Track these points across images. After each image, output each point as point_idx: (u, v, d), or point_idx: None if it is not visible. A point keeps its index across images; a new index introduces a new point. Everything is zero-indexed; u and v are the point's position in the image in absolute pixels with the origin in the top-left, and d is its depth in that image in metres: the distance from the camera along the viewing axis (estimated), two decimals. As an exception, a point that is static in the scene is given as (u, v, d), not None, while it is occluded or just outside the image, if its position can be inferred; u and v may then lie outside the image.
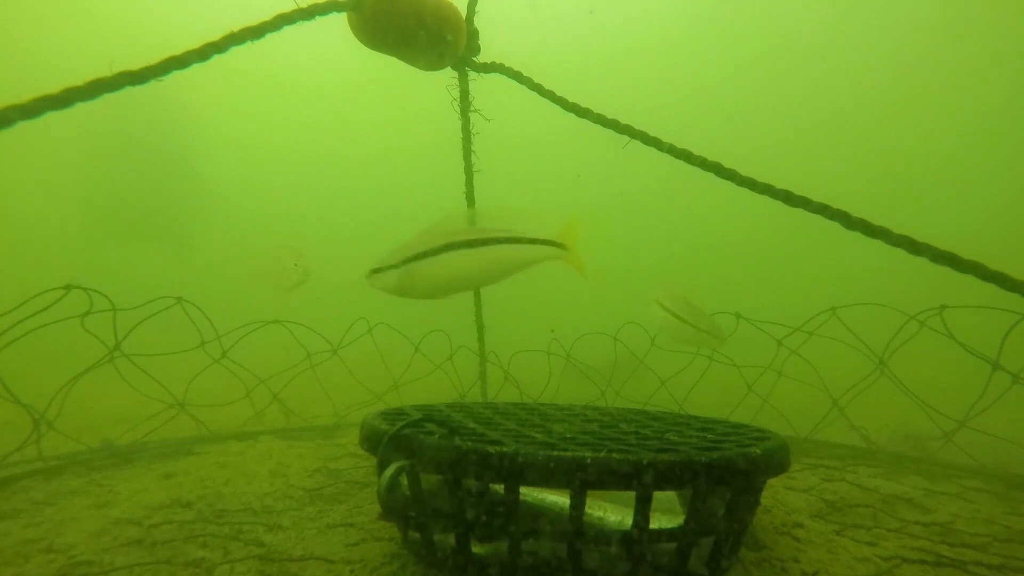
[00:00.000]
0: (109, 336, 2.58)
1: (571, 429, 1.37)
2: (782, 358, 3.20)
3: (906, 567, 1.34)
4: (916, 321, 2.72)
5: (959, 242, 2.05)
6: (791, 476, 2.15)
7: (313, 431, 3.00)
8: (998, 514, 1.74)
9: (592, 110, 2.68)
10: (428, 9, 2.59)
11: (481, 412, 1.64)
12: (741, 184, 2.31)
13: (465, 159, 3.30)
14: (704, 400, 3.55)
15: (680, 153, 2.45)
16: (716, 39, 19.60)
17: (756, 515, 1.37)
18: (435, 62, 2.80)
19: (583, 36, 20.94)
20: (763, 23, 18.90)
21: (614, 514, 1.24)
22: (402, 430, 1.14)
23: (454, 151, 3.32)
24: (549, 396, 3.65)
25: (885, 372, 2.79)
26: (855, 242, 2.23)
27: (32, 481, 1.97)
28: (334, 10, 2.42)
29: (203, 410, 2.93)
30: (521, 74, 2.89)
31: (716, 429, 1.45)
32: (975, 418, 2.48)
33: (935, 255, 1.95)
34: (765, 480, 1.23)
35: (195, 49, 1.94)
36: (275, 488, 1.85)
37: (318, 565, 1.29)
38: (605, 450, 1.05)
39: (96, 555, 1.29)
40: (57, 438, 2.42)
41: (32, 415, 2.28)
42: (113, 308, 2.59)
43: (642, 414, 1.76)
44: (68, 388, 2.44)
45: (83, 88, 1.67)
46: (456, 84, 3.11)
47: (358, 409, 3.43)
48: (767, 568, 1.28)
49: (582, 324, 4.03)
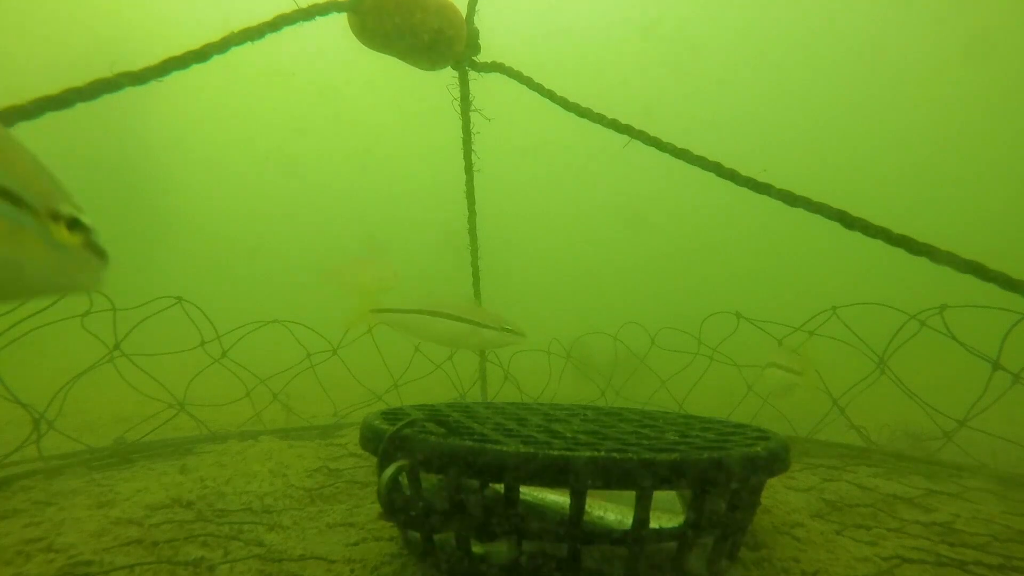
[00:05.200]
0: (109, 336, 2.58)
1: (571, 429, 1.37)
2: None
3: (906, 567, 1.34)
4: (916, 321, 2.72)
5: (959, 242, 2.05)
6: (791, 476, 2.14)
7: (313, 431, 3.00)
8: (998, 514, 1.74)
9: (592, 110, 2.68)
10: (428, 9, 2.59)
11: (481, 412, 1.64)
12: (741, 184, 2.31)
13: (465, 159, 3.30)
14: (704, 400, 3.55)
15: (680, 153, 2.45)
16: (717, 39, 19.60)
17: (756, 515, 1.37)
18: (435, 62, 2.80)
19: (583, 36, 20.94)
20: (763, 23, 18.90)
21: (614, 513, 1.24)
22: (402, 430, 1.14)
23: (454, 151, 3.32)
24: (549, 396, 3.65)
25: (885, 372, 2.79)
26: (855, 242, 2.23)
27: (32, 481, 1.96)
28: (334, 10, 2.42)
29: (203, 410, 2.93)
30: (521, 74, 2.89)
31: (716, 429, 1.45)
32: (975, 418, 2.48)
33: (935, 255, 1.96)
34: (765, 480, 1.23)
35: (195, 49, 1.95)
36: (275, 488, 1.85)
37: (318, 565, 1.29)
38: (605, 450, 1.05)
39: (96, 555, 1.29)
40: (57, 438, 2.42)
41: (32, 415, 2.28)
42: (113, 308, 2.59)
43: (642, 414, 1.76)
44: (68, 388, 2.44)
45: (83, 88, 1.67)
46: (456, 84, 3.11)
47: (358, 409, 3.43)
48: (767, 568, 1.28)
49: (582, 324, 4.04)
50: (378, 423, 1.26)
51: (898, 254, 2.03)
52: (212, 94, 17.78)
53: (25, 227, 0.76)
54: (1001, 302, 2.18)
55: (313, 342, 3.31)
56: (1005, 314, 2.31)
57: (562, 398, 3.48)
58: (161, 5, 16.80)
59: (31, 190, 0.78)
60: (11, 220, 0.75)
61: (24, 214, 0.77)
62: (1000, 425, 2.52)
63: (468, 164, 3.31)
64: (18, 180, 0.76)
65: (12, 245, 0.75)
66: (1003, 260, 1.94)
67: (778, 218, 4.43)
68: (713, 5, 19.20)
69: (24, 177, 0.78)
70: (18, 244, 0.76)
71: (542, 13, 20.00)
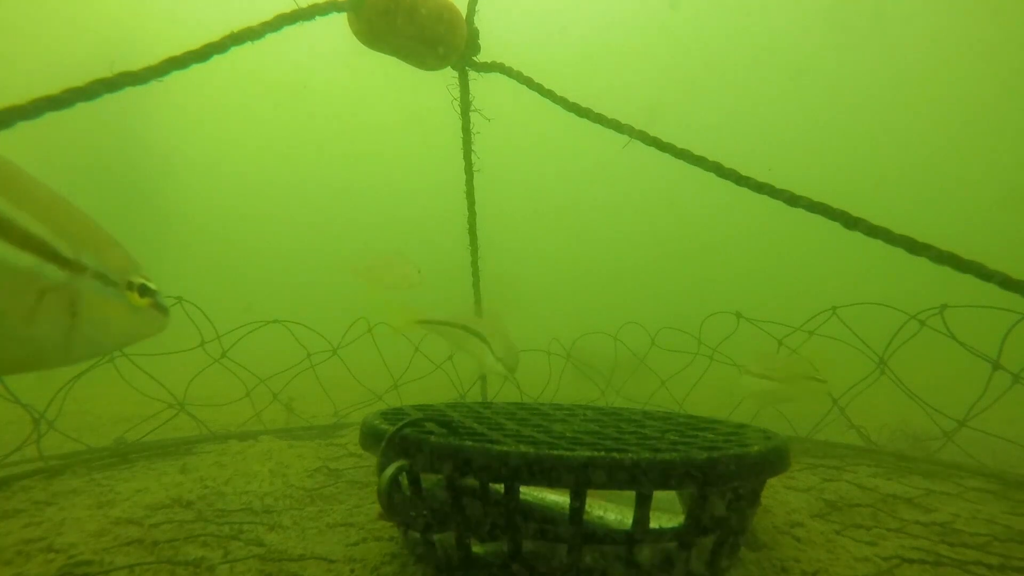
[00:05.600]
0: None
1: (571, 429, 1.37)
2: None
3: (906, 567, 1.34)
4: (917, 321, 2.72)
5: (959, 242, 2.05)
6: (791, 476, 2.14)
7: (313, 431, 3.00)
8: (998, 514, 1.74)
9: (592, 110, 2.68)
10: (428, 9, 2.59)
11: (481, 412, 1.64)
12: (741, 184, 2.31)
13: (465, 159, 3.30)
14: (704, 400, 3.55)
15: (680, 153, 2.44)
16: (716, 38, 19.60)
17: (756, 515, 1.37)
18: (435, 62, 2.80)
19: (583, 36, 20.93)
20: (763, 22, 18.89)
21: (614, 513, 1.24)
22: (402, 430, 1.14)
23: (454, 151, 3.32)
24: (549, 396, 3.65)
25: (885, 372, 2.79)
26: (855, 242, 2.23)
27: (32, 481, 1.97)
28: (334, 10, 2.42)
29: (203, 410, 2.93)
30: (521, 74, 2.89)
31: (716, 429, 1.45)
32: (975, 418, 2.48)
33: (935, 255, 1.95)
34: (765, 480, 1.23)
35: (195, 50, 1.94)
36: (275, 488, 1.85)
37: (318, 565, 1.29)
38: (605, 450, 1.05)
39: (96, 555, 1.29)
40: (57, 438, 2.42)
41: (32, 415, 2.27)
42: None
43: (642, 414, 1.76)
44: (68, 388, 2.44)
45: (83, 88, 1.67)
46: (456, 84, 3.11)
47: (358, 409, 3.43)
48: (767, 568, 1.28)
49: (582, 324, 4.04)
50: (378, 423, 1.26)
51: (898, 254, 2.02)
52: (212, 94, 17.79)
53: (111, 299, 1.01)
54: (1001, 302, 2.18)
55: (313, 342, 3.31)
56: (1005, 314, 2.31)
57: (562, 398, 3.48)
58: (161, 5, 16.81)
59: (114, 268, 1.02)
60: (101, 295, 0.99)
61: (110, 288, 1.01)
62: (1000, 425, 2.52)
63: (468, 164, 3.31)
64: (104, 261, 1.00)
65: (103, 313, 1.00)
66: (1003, 260, 1.93)
67: (778, 218, 4.43)
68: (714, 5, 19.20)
69: (107, 257, 1.01)
70: (107, 312, 1.01)
71: (542, 13, 20.00)
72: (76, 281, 0.95)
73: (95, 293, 0.98)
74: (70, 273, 0.94)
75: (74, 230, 0.96)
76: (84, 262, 0.96)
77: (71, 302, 0.94)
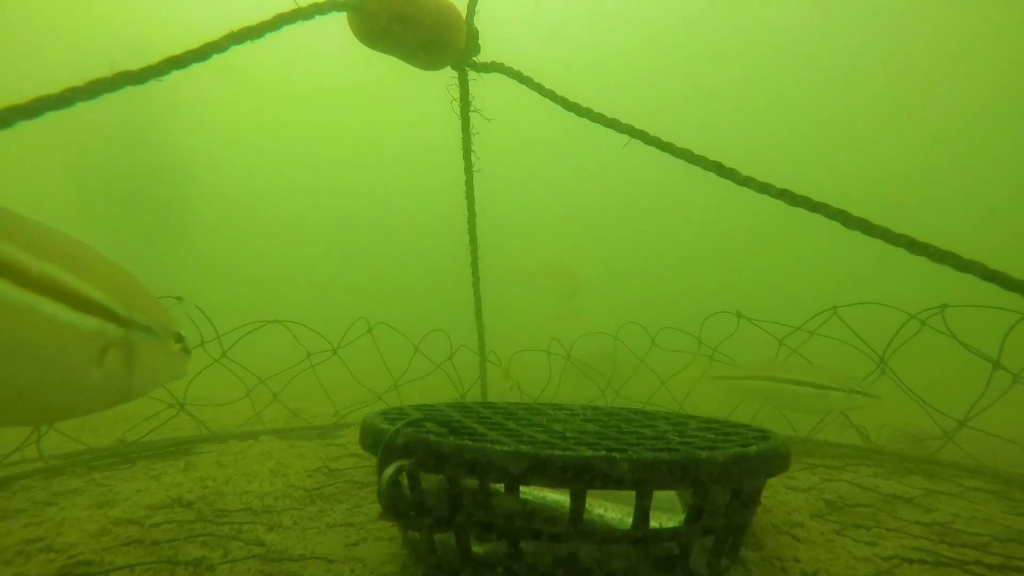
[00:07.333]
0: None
1: (571, 429, 1.37)
2: (783, 357, 3.21)
3: (906, 567, 1.34)
4: (917, 320, 2.72)
5: (959, 242, 2.05)
6: (791, 476, 2.14)
7: (313, 431, 3.00)
8: (998, 514, 1.74)
9: (592, 110, 2.67)
10: (428, 9, 2.59)
11: (481, 412, 1.64)
12: (741, 184, 2.30)
13: (465, 159, 3.30)
14: (704, 400, 3.55)
15: (680, 153, 2.44)
16: (717, 38, 19.60)
17: (756, 515, 1.37)
18: (435, 62, 2.80)
19: (583, 35, 20.94)
20: (763, 23, 18.89)
21: (614, 513, 1.24)
22: (402, 430, 1.14)
23: (454, 151, 3.32)
24: (549, 396, 3.65)
25: (886, 371, 2.79)
26: (855, 242, 2.23)
27: (32, 481, 1.97)
28: (334, 10, 2.42)
29: (203, 410, 2.93)
30: (521, 74, 2.88)
31: (716, 429, 1.45)
32: (975, 418, 2.48)
33: (935, 255, 1.95)
34: (765, 479, 1.23)
35: (195, 49, 1.94)
36: (275, 488, 1.85)
37: (318, 565, 1.29)
38: (605, 450, 1.05)
39: (96, 555, 1.29)
40: (57, 438, 2.42)
41: (32, 415, 2.27)
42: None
43: (642, 414, 1.76)
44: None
45: (83, 88, 1.66)
46: (456, 84, 3.10)
47: (358, 409, 3.43)
48: (767, 568, 1.28)
49: (582, 324, 4.03)
50: (378, 423, 1.26)
51: (898, 254, 2.02)
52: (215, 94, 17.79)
53: (155, 347, 1.22)
54: (1001, 302, 2.17)
55: (313, 342, 3.31)
56: (1005, 314, 2.31)
57: (562, 398, 3.47)
58: (161, 6, 16.82)
59: (157, 320, 1.22)
60: (148, 344, 1.19)
61: (154, 338, 1.21)
62: (1000, 425, 2.52)
63: (468, 164, 3.31)
64: (150, 316, 1.20)
65: (151, 360, 1.21)
66: (1003, 260, 1.93)
67: (778, 218, 4.43)
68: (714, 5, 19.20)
69: (151, 311, 1.21)
70: (154, 359, 1.22)
71: (542, 13, 20.01)
72: (130, 335, 1.14)
73: (144, 343, 1.18)
74: (126, 329, 1.13)
75: (125, 291, 1.14)
76: (135, 318, 1.15)
77: (127, 353, 1.14)
